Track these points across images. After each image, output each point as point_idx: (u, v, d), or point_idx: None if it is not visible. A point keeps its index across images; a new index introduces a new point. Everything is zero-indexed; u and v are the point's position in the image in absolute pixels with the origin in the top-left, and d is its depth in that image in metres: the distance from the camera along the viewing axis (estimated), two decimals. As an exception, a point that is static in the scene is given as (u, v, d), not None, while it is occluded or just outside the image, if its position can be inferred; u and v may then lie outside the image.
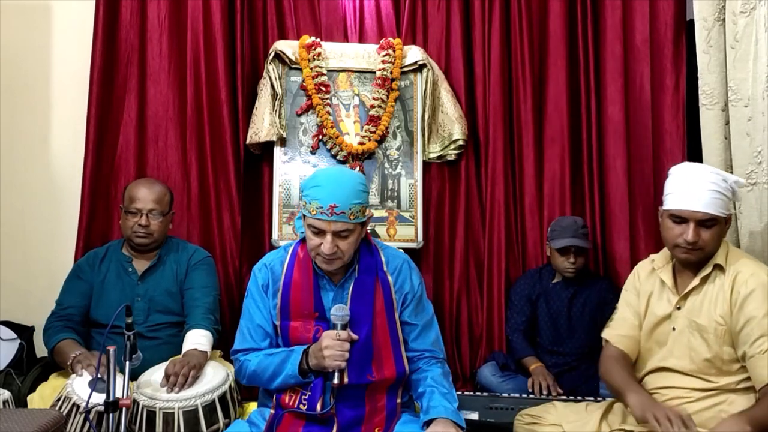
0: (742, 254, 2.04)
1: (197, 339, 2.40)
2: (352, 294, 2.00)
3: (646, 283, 2.14)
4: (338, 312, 1.94)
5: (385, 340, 1.99)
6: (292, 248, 2.10)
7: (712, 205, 1.92)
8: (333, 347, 1.89)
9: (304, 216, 1.98)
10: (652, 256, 2.18)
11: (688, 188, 1.95)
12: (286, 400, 1.98)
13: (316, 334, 1.98)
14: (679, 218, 1.96)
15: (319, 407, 1.92)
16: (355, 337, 1.94)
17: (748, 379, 1.92)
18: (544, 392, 2.72)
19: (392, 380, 2.00)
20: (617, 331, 2.16)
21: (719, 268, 1.98)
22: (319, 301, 2.01)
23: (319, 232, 1.92)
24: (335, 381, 1.90)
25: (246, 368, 2.04)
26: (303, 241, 2.08)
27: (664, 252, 2.12)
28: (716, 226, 1.95)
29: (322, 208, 1.89)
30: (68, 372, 2.33)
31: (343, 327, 1.93)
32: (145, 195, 2.58)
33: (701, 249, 1.95)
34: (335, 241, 1.92)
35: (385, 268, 2.07)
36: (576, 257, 2.92)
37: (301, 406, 1.95)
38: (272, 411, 2.00)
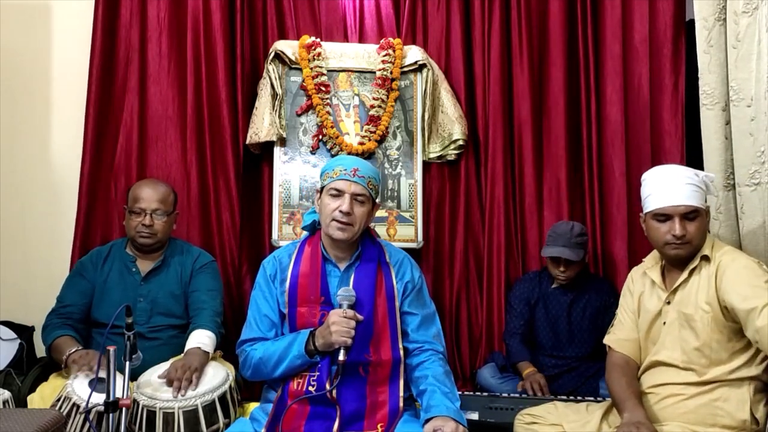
0: (725, 245, 2.09)
1: (201, 339, 2.40)
2: (356, 278, 2.11)
3: (638, 284, 2.20)
4: (345, 293, 2.04)
5: (383, 324, 2.08)
6: (299, 243, 2.22)
7: (691, 197, 1.99)
8: (340, 323, 1.98)
9: (322, 190, 2.13)
10: (644, 259, 2.24)
11: (665, 186, 2.02)
12: (294, 387, 2.04)
13: (322, 319, 2.05)
14: (663, 216, 2.02)
15: (328, 385, 1.99)
16: (360, 317, 2.03)
17: (740, 368, 1.95)
18: (536, 394, 2.70)
19: (389, 365, 2.05)
20: (618, 336, 2.21)
21: (706, 259, 2.02)
22: (325, 286, 2.11)
23: (338, 195, 2.08)
24: (340, 357, 1.98)
25: (251, 358, 2.10)
26: (310, 237, 2.20)
27: (654, 254, 2.18)
28: (699, 218, 2.01)
29: (345, 170, 2.09)
30: (65, 369, 2.33)
31: (350, 306, 2.02)
32: (149, 195, 2.58)
33: (689, 242, 2.01)
34: (352, 204, 2.07)
35: (387, 260, 2.19)
36: (566, 267, 2.89)
37: (310, 388, 2.01)
38: (276, 400, 2.03)
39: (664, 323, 2.06)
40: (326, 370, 2.02)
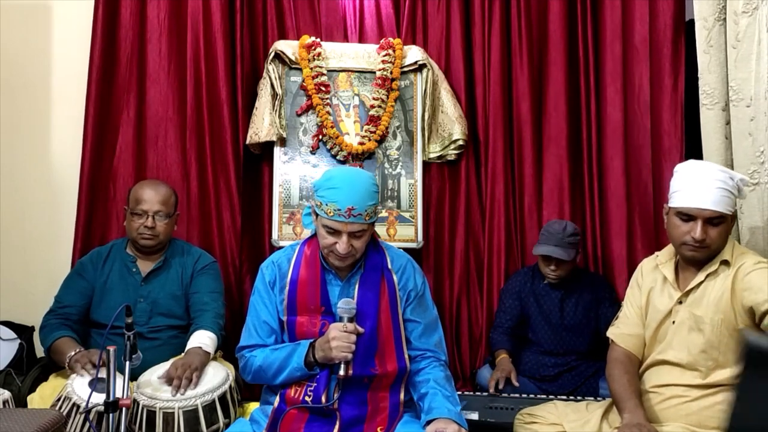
0: (747, 250, 2.04)
1: (202, 339, 2.40)
2: (359, 289, 2.04)
3: (648, 278, 2.15)
4: (345, 305, 1.97)
5: (388, 335, 2.02)
6: (299, 246, 2.14)
7: (720, 202, 1.92)
8: (340, 338, 1.92)
9: (317, 215, 2.01)
10: (657, 253, 2.18)
11: (695, 186, 1.94)
12: (292, 394, 2.00)
13: (322, 329, 2.00)
14: (687, 216, 1.95)
15: (323, 399, 1.94)
16: (361, 330, 1.97)
17: None
18: (492, 389, 2.70)
19: (394, 375, 2.02)
20: (622, 330, 2.16)
21: (725, 263, 1.97)
22: (325, 296, 2.04)
23: (335, 232, 1.96)
24: (341, 372, 1.93)
25: (251, 365, 2.06)
26: (309, 239, 2.14)
27: (669, 248, 2.12)
28: (723, 224, 1.95)
29: (339, 210, 1.93)
30: (67, 371, 2.33)
31: (350, 320, 1.96)
32: (151, 196, 2.57)
33: (708, 247, 1.95)
34: (350, 241, 1.96)
35: (390, 266, 2.11)
36: (557, 266, 2.88)
37: (306, 398, 1.97)
38: (274, 406, 2.01)
39: (673, 323, 2.03)
40: (324, 382, 1.97)
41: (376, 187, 2.02)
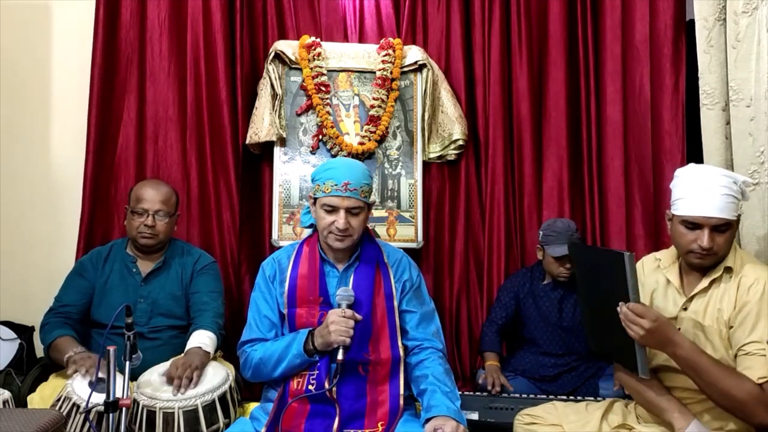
0: (748, 257, 2.01)
1: (202, 339, 2.40)
2: (355, 279, 2.12)
3: (650, 278, 2.11)
4: (344, 293, 2.05)
5: (382, 323, 2.10)
6: (298, 245, 2.24)
7: (725, 209, 1.88)
8: (338, 323, 1.99)
9: (315, 200, 2.12)
10: (655, 254, 2.15)
11: (700, 193, 1.90)
12: (294, 386, 2.05)
13: (320, 319, 2.07)
14: (693, 224, 1.91)
15: (326, 384, 2.00)
16: (359, 317, 2.04)
17: None
18: (492, 390, 2.71)
19: (388, 364, 2.07)
20: None
21: (728, 270, 1.95)
22: (324, 287, 2.13)
23: (333, 210, 2.08)
24: (339, 357, 1.99)
25: (252, 359, 2.12)
26: (308, 238, 2.23)
27: (671, 251, 2.09)
28: (729, 231, 1.92)
29: (336, 185, 2.07)
30: (67, 370, 2.33)
31: (348, 306, 2.04)
32: (152, 195, 2.57)
33: (715, 254, 1.92)
34: (348, 218, 2.07)
35: (385, 260, 2.20)
36: (572, 263, 2.86)
37: (309, 386, 2.03)
38: (277, 398, 2.05)
39: (679, 329, 1.98)
40: (325, 369, 2.03)
41: (369, 173, 2.19)
